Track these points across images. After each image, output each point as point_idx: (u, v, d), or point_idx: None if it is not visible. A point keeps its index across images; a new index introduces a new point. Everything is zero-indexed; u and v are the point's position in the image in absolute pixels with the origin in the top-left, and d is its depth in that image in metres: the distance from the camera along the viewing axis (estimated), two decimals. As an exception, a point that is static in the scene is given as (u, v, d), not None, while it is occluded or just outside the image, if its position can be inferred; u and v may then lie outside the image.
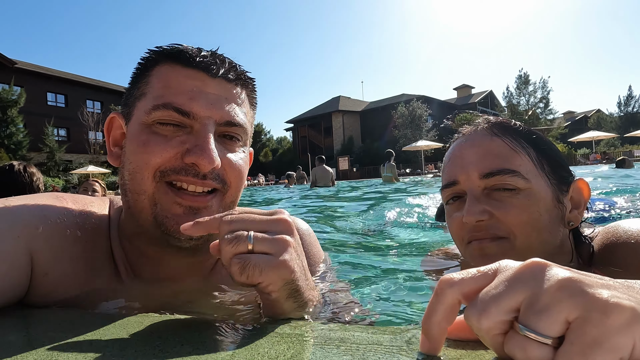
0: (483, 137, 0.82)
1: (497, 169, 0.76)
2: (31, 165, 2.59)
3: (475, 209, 0.76)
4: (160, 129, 0.66)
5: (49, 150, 25.21)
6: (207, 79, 0.68)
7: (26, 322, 0.56)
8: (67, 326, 0.51)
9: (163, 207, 0.66)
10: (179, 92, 0.66)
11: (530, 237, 0.75)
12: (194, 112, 0.65)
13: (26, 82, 26.31)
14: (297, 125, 43.85)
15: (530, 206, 0.75)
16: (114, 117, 0.76)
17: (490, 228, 0.76)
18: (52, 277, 0.65)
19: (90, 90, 31.60)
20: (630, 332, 0.27)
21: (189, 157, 0.64)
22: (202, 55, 0.69)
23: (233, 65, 0.72)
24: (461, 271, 0.37)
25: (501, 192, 0.77)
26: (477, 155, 0.80)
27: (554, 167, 0.81)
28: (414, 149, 23.35)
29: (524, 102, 36.65)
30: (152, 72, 0.70)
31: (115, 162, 0.74)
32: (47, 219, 0.67)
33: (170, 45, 0.72)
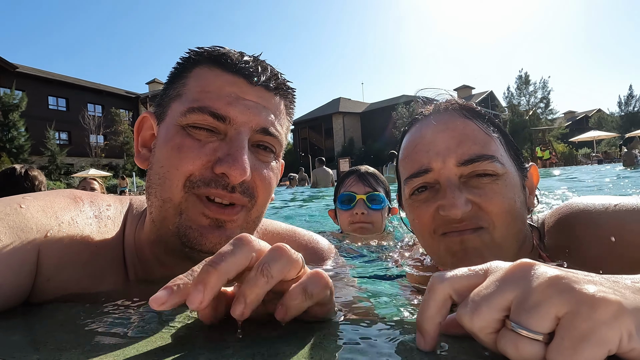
0: (455, 120, 0.74)
1: (476, 155, 0.70)
2: (33, 169, 2.58)
3: (460, 200, 0.68)
4: (195, 133, 0.63)
5: (51, 154, 25.26)
6: (246, 86, 0.66)
7: (29, 322, 0.56)
8: (70, 326, 0.51)
9: (189, 217, 0.63)
10: (216, 97, 0.64)
11: (509, 227, 0.70)
12: (230, 117, 0.63)
13: (28, 86, 26.44)
14: (298, 127, 43.83)
15: (509, 192, 0.70)
16: (146, 117, 0.73)
17: (471, 217, 0.70)
18: (54, 283, 0.64)
19: (91, 94, 31.67)
20: (617, 325, 0.28)
21: (220, 166, 0.61)
22: (244, 60, 0.67)
23: (274, 73, 0.70)
24: (453, 270, 0.38)
25: (480, 178, 0.71)
26: (454, 140, 0.72)
27: (516, 153, 0.79)
28: (415, 150, 23.30)
29: (524, 103, 36.59)
30: (190, 74, 0.68)
31: (143, 164, 0.71)
32: (59, 222, 0.64)
33: (213, 47, 0.70)
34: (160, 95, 0.72)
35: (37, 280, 0.63)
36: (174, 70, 0.72)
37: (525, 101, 36.60)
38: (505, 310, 0.32)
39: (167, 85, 0.72)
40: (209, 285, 0.37)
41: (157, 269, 0.72)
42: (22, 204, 0.63)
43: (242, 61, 0.67)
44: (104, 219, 0.71)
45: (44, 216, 0.64)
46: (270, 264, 0.40)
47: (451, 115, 0.76)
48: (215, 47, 0.70)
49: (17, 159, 21.75)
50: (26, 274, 0.60)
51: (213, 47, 0.70)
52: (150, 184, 0.66)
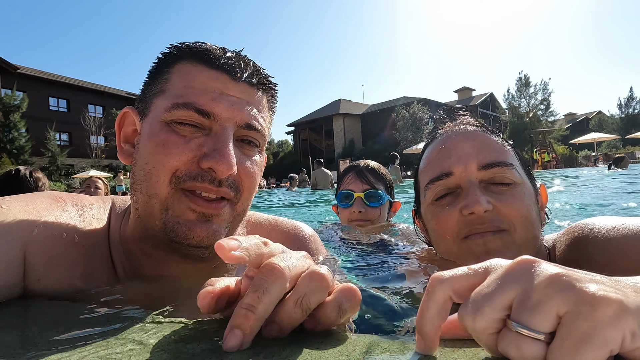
0: (476, 131, 0.82)
1: (496, 161, 0.75)
2: (37, 171, 2.60)
3: (483, 198, 0.72)
4: (179, 129, 0.63)
5: (51, 155, 25.28)
6: (229, 82, 0.66)
7: (22, 321, 0.55)
8: (65, 324, 0.50)
9: (175, 212, 0.63)
10: (200, 93, 0.64)
11: (528, 230, 0.74)
12: (215, 113, 0.63)
13: (29, 87, 26.47)
14: (298, 129, 43.86)
15: (526, 199, 0.75)
16: (127, 112, 0.73)
17: (493, 220, 0.73)
18: (45, 283, 0.63)
19: (92, 95, 31.72)
20: (619, 324, 0.27)
21: (206, 161, 0.62)
22: (227, 57, 0.67)
23: (257, 69, 0.71)
24: (452, 269, 0.37)
25: (499, 185, 0.75)
26: (475, 148, 0.78)
27: (526, 169, 0.84)
28: (415, 151, 23.29)
29: (524, 104, 36.61)
30: (172, 70, 0.68)
31: (127, 160, 0.71)
32: (43, 221, 0.64)
33: (195, 43, 0.69)
34: (142, 90, 0.72)
35: (27, 280, 0.62)
36: (155, 65, 0.71)
37: (526, 103, 36.62)
38: (507, 309, 0.32)
39: (148, 80, 0.71)
40: (248, 330, 0.37)
41: (145, 263, 0.72)
42: (3, 204, 0.63)
43: (225, 57, 0.67)
44: (88, 218, 0.71)
45: (26, 216, 0.63)
46: (310, 297, 0.39)
47: (471, 129, 0.84)
48: (197, 43, 0.69)
49: (18, 160, 21.77)
50: (13, 273, 0.60)
51: (195, 42, 0.69)
52: (135, 180, 0.66)
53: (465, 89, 44.53)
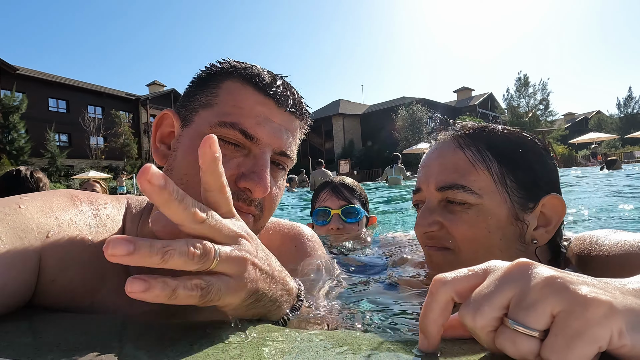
0: (448, 149, 0.82)
1: (449, 184, 0.77)
2: (38, 171, 2.60)
3: (425, 221, 0.79)
4: (222, 146, 0.62)
5: (51, 156, 25.27)
6: (275, 109, 0.70)
7: (37, 327, 0.56)
8: (81, 327, 0.51)
9: None
10: (248, 115, 0.67)
11: (477, 252, 0.75)
12: (257, 137, 0.67)
13: (28, 88, 26.44)
14: (298, 129, 43.87)
15: (479, 223, 0.75)
16: (167, 114, 0.75)
17: (440, 238, 0.78)
18: (60, 284, 0.63)
19: (91, 96, 31.70)
20: (607, 323, 0.29)
21: (245, 182, 0.65)
22: (276, 85, 0.71)
23: (300, 99, 0.76)
24: (453, 271, 0.40)
25: (455, 205, 0.77)
26: (439, 168, 0.81)
27: (522, 183, 0.77)
28: (415, 151, 23.29)
29: (524, 104, 36.66)
30: (222, 85, 0.70)
31: (162, 160, 0.73)
32: (59, 223, 0.64)
33: (247, 65, 0.73)
34: (186, 96, 0.74)
35: (41, 282, 0.62)
36: (203, 74, 0.74)
37: (525, 103, 36.68)
38: (505, 308, 0.34)
39: (194, 88, 0.73)
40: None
41: (159, 271, 0.72)
42: (21, 204, 0.63)
43: (274, 84, 0.71)
44: (102, 218, 0.71)
45: (43, 216, 0.64)
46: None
47: (448, 144, 0.82)
48: (249, 65, 0.73)
49: (17, 161, 21.75)
50: (29, 274, 0.60)
51: (247, 64, 0.74)
52: None
53: (465, 89, 44.57)
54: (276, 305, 0.56)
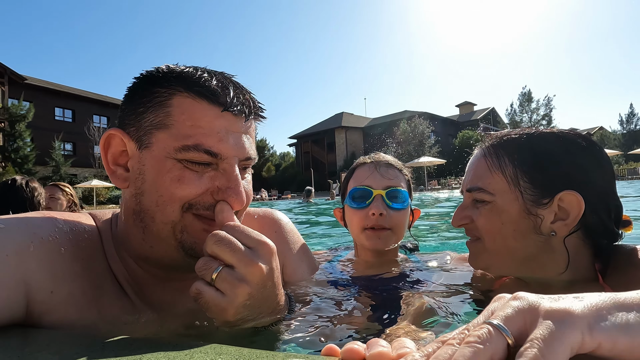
0: (477, 157, 0.99)
1: (472, 186, 0.95)
2: (34, 180, 2.60)
3: (457, 216, 0.98)
4: (191, 166, 0.68)
5: (55, 165, 25.47)
6: (232, 119, 0.70)
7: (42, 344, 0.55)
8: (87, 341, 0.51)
9: (190, 234, 0.69)
10: (208, 133, 0.67)
11: (495, 241, 0.91)
12: (222, 154, 0.68)
13: (35, 98, 26.87)
14: (300, 141, 44.14)
15: (493, 217, 0.91)
16: (114, 134, 0.72)
17: (470, 229, 0.97)
18: (59, 295, 0.64)
19: (97, 106, 32.15)
20: (573, 328, 0.32)
21: (222, 195, 0.69)
22: (226, 92, 0.70)
23: (253, 102, 0.75)
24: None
25: (479, 203, 0.95)
26: (469, 175, 0.99)
27: (536, 181, 0.87)
28: (417, 165, 23.36)
29: (526, 120, 36.79)
30: (172, 102, 0.68)
31: (122, 184, 0.72)
32: (38, 236, 0.65)
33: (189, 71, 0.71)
34: (132, 112, 0.71)
35: (35, 295, 0.62)
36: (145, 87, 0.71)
37: (528, 118, 36.82)
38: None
39: (138, 104, 0.70)
40: None
41: (150, 279, 0.77)
42: (0, 224, 0.64)
43: (226, 94, 0.70)
44: (81, 232, 0.73)
45: (21, 232, 0.64)
46: None
47: (478, 153, 0.99)
48: (193, 72, 0.70)
49: (22, 169, 21.92)
50: (10, 289, 0.60)
51: (189, 71, 0.71)
52: (142, 208, 0.69)
53: (467, 103, 44.88)
54: (263, 320, 0.67)
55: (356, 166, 1.42)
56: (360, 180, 1.33)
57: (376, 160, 1.38)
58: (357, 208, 1.30)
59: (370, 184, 1.30)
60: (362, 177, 1.34)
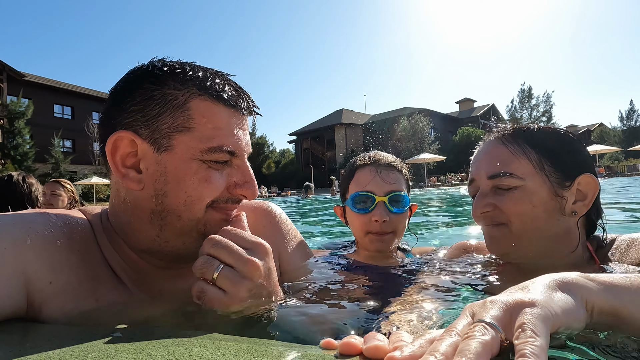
0: (492, 145, 1.01)
1: (498, 172, 0.96)
2: (30, 176, 2.61)
3: (480, 203, 0.98)
4: (214, 166, 0.73)
5: (55, 162, 25.45)
6: (241, 118, 0.78)
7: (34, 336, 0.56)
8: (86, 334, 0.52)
9: (212, 225, 0.75)
10: (228, 134, 0.74)
11: (525, 224, 0.93)
12: (237, 152, 0.75)
13: (34, 94, 26.81)
14: (300, 138, 44.10)
15: (524, 199, 0.93)
16: (122, 137, 0.70)
17: (494, 217, 0.97)
18: (57, 285, 0.66)
19: (96, 103, 32.00)
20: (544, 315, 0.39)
21: (240, 190, 0.76)
22: (236, 93, 0.77)
23: (251, 99, 0.82)
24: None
25: (503, 190, 0.96)
26: (487, 161, 1.00)
27: (557, 166, 0.95)
28: (417, 161, 23.35)
29: (526, 116, 36.76)
30: (190, 105, 0.70)
31: (136, 186, 0.71)
32: (34, 230, 0.67)
33: (202, 75, 0.73)
34: (149, 118, 0.70)
35: (37, 285, 0.64)
36: (155, 89, 0.70)
37: (528, 115, 36.78)
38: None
39: (156, 109, 0.70)
40: None
41: (148, 269, 0.79)
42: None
43: (235, 95, 0.77)
44: (74, 226, 0.75)
45: (17, 227, 0.66)
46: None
47: (493, 142, 1.02)
48: (203, 74, 0.74)
49: (21, 166, 21.90)
50: (8, 281, 0.62)
51: (200, 73, 0.73)
52: (166, 208, 0.71)
53: (467, 100, 44.80)
54: (261, 309, 0.70)
55: (356, 167, 1.40)
56: (362, 185, 1.33)
57: (376, 162, 1.37)
58: (359, 213, 1.31)
59: (372, 190, 1.31)
60: (363, 181, 1.33)
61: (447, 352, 0.38)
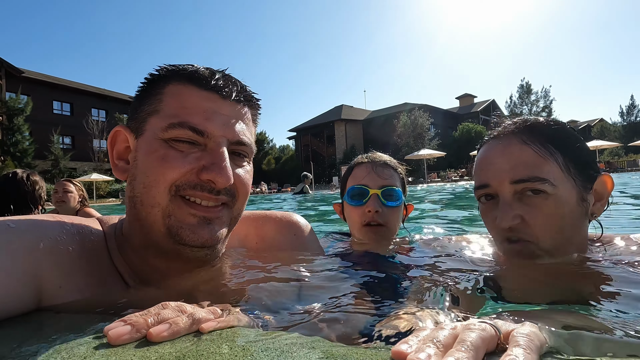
0: (513, 145, 0.86)
1: (527, 177, 0.81)
2: (35, 174, 2.61)
3: (508, 216, 0.82)
4: (177, 145, 0.69)
5: (54, 158, 25.42)
6: (220, 101, 0.72)
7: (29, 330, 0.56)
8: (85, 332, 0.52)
9: (177, 218, 0.69)
10: (194, 112, 0.69)
11: (555, 238, 0.83)
12: (208, 132, 0.69)
13: (33, 91, 26.67)
14: (300, 134, 43.99)
15: (557, 210, 0.81)
16: (119, 131, 0.76)
17: (519, 231, 0.84)
18: (67, 290, 0.66)
19: (95, 99, 31.95)
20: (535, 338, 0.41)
21: (206, 173, 0.67)
22: (216, 78, 0.73)
23: (243, 87, 0.77)
24: None
25: (532, 196, 0.82)
26: (509, 164, 0.84)
27: (580, 168, 0.85)
28: (417, 157, 23.32)
29: (526, 112, 36.66)
30: (164, 90, 0.72)
31: (122, 175, 0.75)
32: (47, 235, 0.67)
33: (183, 65, 0.75)
34: (133, 109, 0.75)
35: (48, 289, 0.65)
36: (145, 85, 0.75)
37: (527, 110, 36.69)
38: None
39: (139, 100, 0.75)
40: None
41: (147, 272, 0.77)
42: (11, 223, 0.66)
43: (214, 78, 0.72)
44: (87, 234, 0.75)
45: (32, 232, 0.67)
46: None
47: (510, 142, 0.87)
48: (186, 65, 0.75)
49: (21, 163, 21.87)
50: (25, 284, 0.62)
51: (185, 65, 0.75)
52: (134, 194, 0.71)
53: (467, 95, 44.65)
54: None
55: (354, 165, 1.52)
56: (358, 180, 1.44)
57: (373, 160, 1.49)
58: (354, 205, 1.43)
59: (367, 183, 1.42)
60: (359, 176, 1.45)
61: (447, 342, 0.38)
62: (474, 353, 0.37)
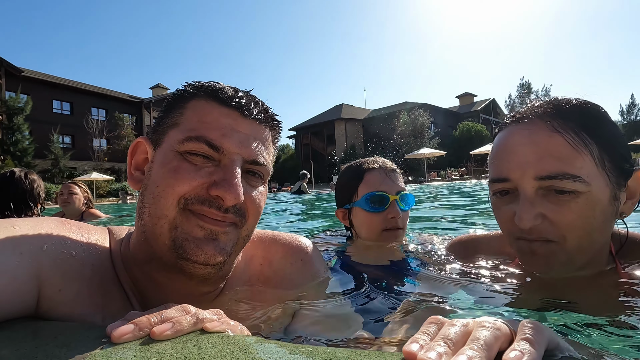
0: (541, 132, 0.72)
1: (555, 173, 0.69)
2: (32, 172, 2.61)
3: (530, 215, 0.71)
4: (191, 158, 0.68)
5: (54, 157, 25.41)
6: (239, 119, 0.72)
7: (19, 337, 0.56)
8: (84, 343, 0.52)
9: (184, 230, 0.67)
10: (212, 127, 0.69)
11: (581, 239, 0.72)
12: (224, 148, 0.68)
13: (33, 90, 26.66)
14: (300, 133, 43.96)
15: (588, 211, 0.70)
16: (140, 142, 0.78)
17: (542, 231, 0.72)
18: (67, 294, 0.65)
19: (95, 98, 31.92)
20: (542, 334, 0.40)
21: (215, 189, 0.66)
22: (239, 96, 0.73)
23: (264, 107, 0.77)
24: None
25: (559, 194, 0.70)
26: (535, 155, 0.71)
27: (615, 161, 0.73)
28: (417, 156, 23.30)
29: (526, 110, 36.54)
30: (187, 105, 0.73)
31: (136, 186, 0.75)
32: (52, 238, 0.67)
33: (210, 82, 0.76)
34: (156, 122, 0.77)
35: (47, 291, 0.64)
36: (170, 100, 0.77)
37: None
38: None
39: (163, 114, 0.76)
40: None
41: (151, 286, 0.75)
42: (15, 225, 0.65)
43: (236, 96, 0.73)
44: (93, 241, 0.74)
45: (38, 233, 0.66)
46: None
47: (538, 127, 0.73)
48: (213, 83, 0.76)
49: (21, 162, 21.87)
50: (26, 285, 0.61)
51: (209, 82, 0.76)
52: (144, 204, 0.70)
53: (467, 94, 44.61)
54: None
55: (364, 170, 1.51)
56: (374, 186, 1.46)
57: (383, 166, 1.52)
58: (375, 212, 1.44)
59: (385, 190, 1.45)
60: (375, 182, 1.47)
61: (458, 340, 0.37)
62: (487, 353, 0.35)
